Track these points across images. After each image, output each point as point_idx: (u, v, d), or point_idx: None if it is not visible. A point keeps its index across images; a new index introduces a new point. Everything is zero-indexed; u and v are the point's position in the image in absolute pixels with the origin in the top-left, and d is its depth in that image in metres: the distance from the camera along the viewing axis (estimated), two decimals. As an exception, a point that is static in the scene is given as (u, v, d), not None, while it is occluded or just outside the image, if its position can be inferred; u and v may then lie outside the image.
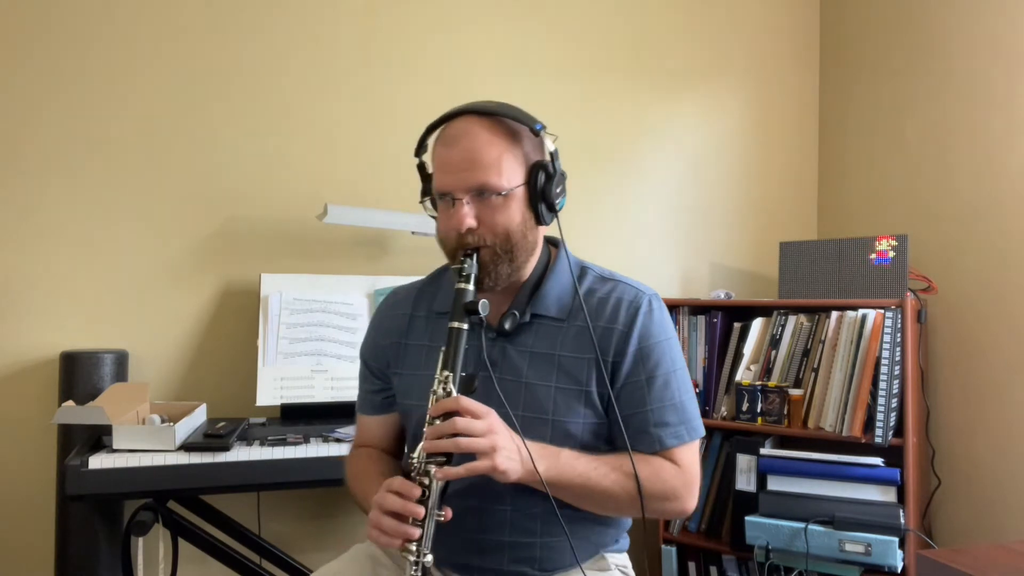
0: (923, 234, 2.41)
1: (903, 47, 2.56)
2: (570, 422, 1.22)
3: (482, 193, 1.17)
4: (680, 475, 1.21)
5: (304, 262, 2.26)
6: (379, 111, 2.37)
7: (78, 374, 1.94)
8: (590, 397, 1.22)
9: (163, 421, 1.80)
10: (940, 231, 2.39)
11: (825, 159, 2.90)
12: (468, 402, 1.10)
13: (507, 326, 1.23)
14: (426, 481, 1.09)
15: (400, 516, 1.08)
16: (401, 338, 1.34)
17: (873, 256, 2.23)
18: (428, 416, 1.11)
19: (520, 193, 1.20)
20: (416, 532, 1.07)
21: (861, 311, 2.14)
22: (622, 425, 1.21)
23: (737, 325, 2.42)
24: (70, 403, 1.80)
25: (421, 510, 1.07)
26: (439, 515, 1.09)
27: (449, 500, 1.13)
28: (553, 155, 1.21)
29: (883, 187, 2.62)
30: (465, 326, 1.14)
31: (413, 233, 2.21)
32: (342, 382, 2.10)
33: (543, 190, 1.20)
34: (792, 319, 2.29)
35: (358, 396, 1.43)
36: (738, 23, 2.82)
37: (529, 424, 1.18)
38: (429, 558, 1.08)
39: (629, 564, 1.37)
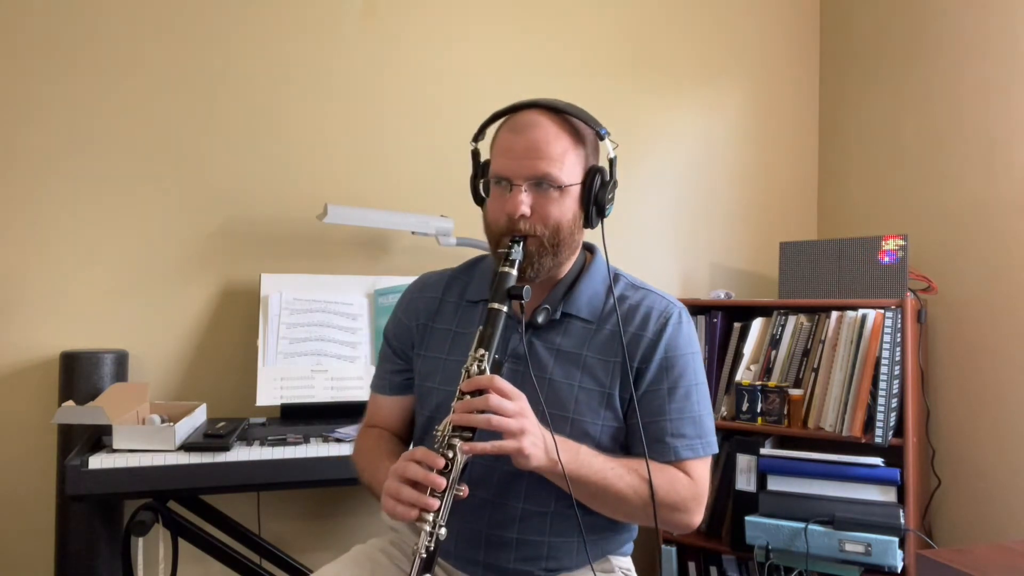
0: (923, 234, 2.41)
1: (903, 47, 2.56)
2: (589, 423, 1.22)
3: (540, 184, 1.19)
4: (692, 487, 1.22)
5: (304, 262, 2.26)
6: (379, 111, 2.37)
7: (78, 374, 1.93)
8: (612, 400, 1.23)
9: (163, 421, 1.80)
10: (940, 231, 2.39)
11: (825, 159, 2.90)
12: (502, 382, 1.10)
13: (540, 320, 1.25)
14: (449, 454, 1.08)
15: (418, 488, 1.07)
16: (428, 320, 1.35)
17: (880, 255, 2.23)
18: (459, 391, 1.12)
19: (575, 192, 1.22)
20: (435, 503, 1.05)
21: (861, 311, 2.14)
22: (641, 431, 1.20)
23: (737, 325, 2.42)
24: (70, 403, 1.80)
25: (443, 481, 1.06)
26: (458, 490, 1.08)
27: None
28: (612, 162, 1.24)
29: (883, 187, 2.62)
30: (505, 308, 1.15)
31: (413, 233, 2.21)
32: (342, 382, 2.10)
33: (597, 194, 1.23)
34: (792, 319, 2.29)
35: (375, 375, 1.42)
36: (738, 23, 2.82)
37: (549, 420, 1.18)
38: (443, 531, 1.06)
39: (632, 568, 1.37)
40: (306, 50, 2.30)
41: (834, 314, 2.19)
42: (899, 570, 1.96)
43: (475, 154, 1.30)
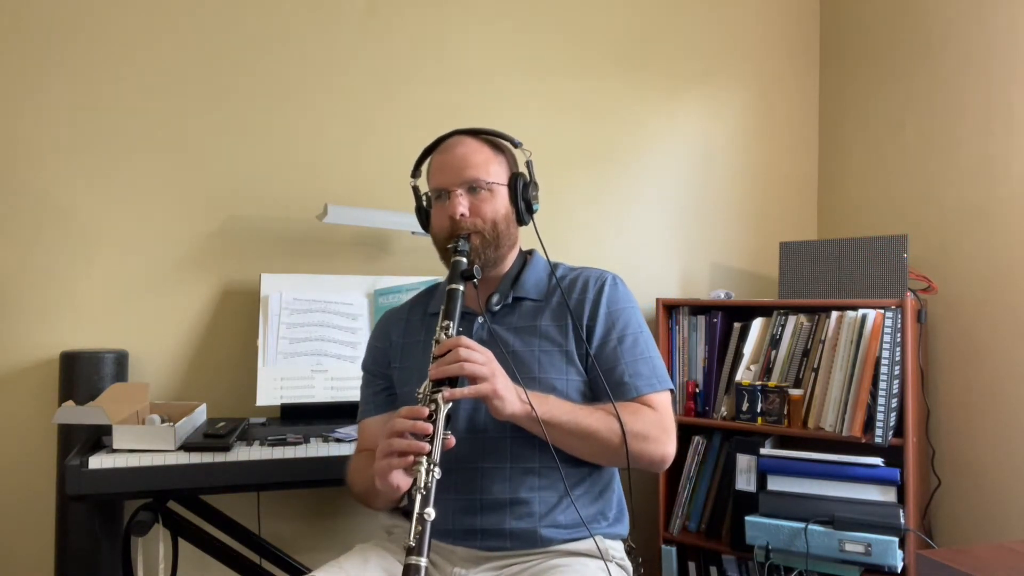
0: (923, 234, 2.41)
1: (903, 47, 2.56)
2: (555, 379, 1.34)
3: (472, 188, 1.38)
4: (657, 417, 1.33)
5: (304, 262, 2.26)
6: (379, 111, 2.37)
7: (78, 374, 1.94)
8: (571, 356, 1.36)
9: (163, 421, 1.80)
10: (940, 231, 2.39)
11: (825, 159, 2.90)
12: (468, 340, 1.23)
13: (494, 301, 1.40)
14: (432, 406, 1.18)
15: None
16: (399, 337, 1.48)
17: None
18: (432, 356, 1.23)
19: (503, 192, 1.41)
20: (427, 447, 1.14)
21: (861, 311, 2.14)
22: (603, 378, 1.33)
23: (737, 325, 2.42)
24: (70, 403, 1.80)
25: (430, 426, 1.15)
26: (446, 435, 1.17)
27: (455, 466, 1.27)
28: (529, 164, 1.44)
29: (883, 187, 2.62)
30: (461, 287, 1.30)
31: (413, 233, 2.21)
32: (342, 382, 2.10)
33: (522, 193, 1.42)
34: (792, 319, 2.29)
35: (360, 407, 1.51)
36: (738, 23, 2.82)
37: (519, 382, 1.27)
38: (438, 472, 1.13)
39: (626, 557, 1.40)
40: (307, 50, 2.30)
41: (834, 314, 2.19)
42: (899, 570, 1.96)
43: (415, 189, 1.48)
